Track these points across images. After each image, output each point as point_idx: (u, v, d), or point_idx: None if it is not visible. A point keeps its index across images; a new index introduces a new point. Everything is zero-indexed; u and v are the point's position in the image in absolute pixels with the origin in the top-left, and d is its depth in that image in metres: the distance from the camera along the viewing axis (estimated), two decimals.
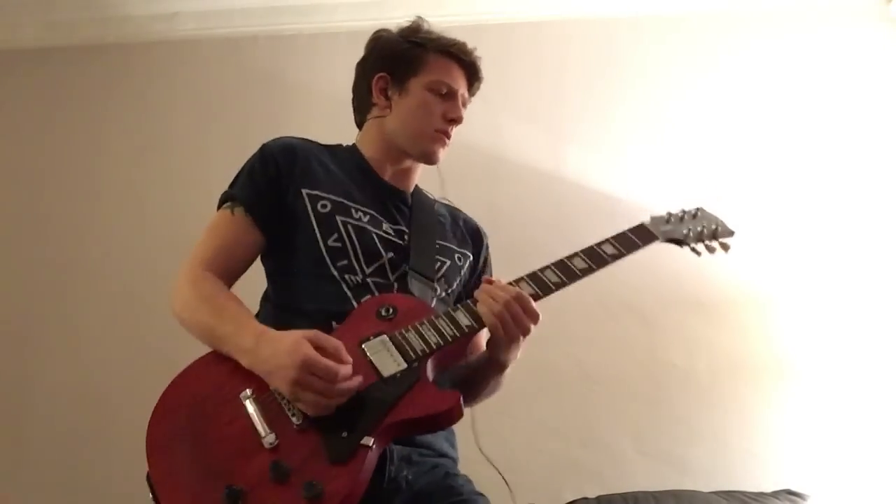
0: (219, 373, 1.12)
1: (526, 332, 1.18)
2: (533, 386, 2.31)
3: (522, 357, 1.44)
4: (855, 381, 2.34)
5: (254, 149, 1.39)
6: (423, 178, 1.55)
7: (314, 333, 1.09)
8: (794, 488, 2.06)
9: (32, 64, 3.06)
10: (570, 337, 2.46)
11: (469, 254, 1.49)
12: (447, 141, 1.43)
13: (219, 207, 1.35)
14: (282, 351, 1.06)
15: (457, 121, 1.43)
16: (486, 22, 2.88)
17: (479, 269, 1.51)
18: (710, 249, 1.39)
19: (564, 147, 2.73)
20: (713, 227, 1.41)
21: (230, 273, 1.29)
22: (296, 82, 2.91)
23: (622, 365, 2.46)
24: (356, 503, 1.01)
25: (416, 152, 1.43)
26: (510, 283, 1.22)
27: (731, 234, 1.44)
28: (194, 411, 1.07)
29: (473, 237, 1.53)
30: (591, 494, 2.01)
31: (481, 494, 1.26)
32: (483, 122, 2.69)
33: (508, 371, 1.29)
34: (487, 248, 1.54)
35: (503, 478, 1.28)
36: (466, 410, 1.27)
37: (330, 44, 2.93)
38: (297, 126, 1.59)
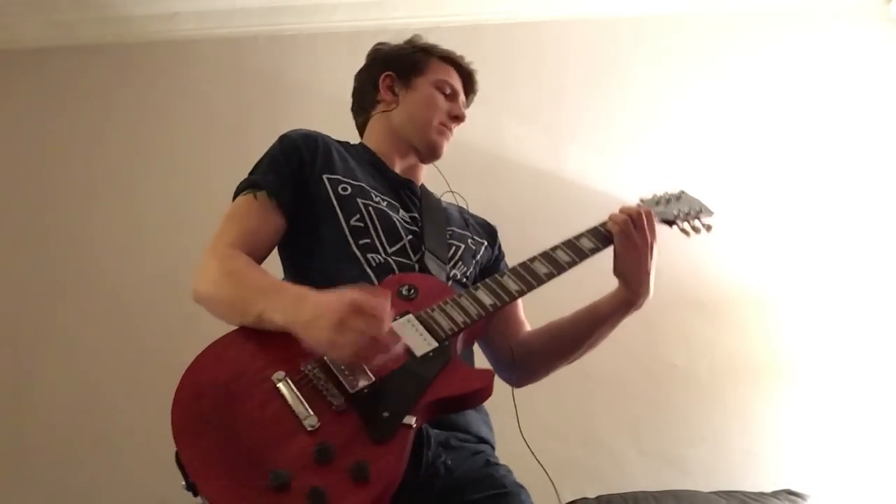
0: (242, 353, 1.10)
1: (646, 240, 1.31)
2: (533, 386, 2.30)
3: None
4: (855, 381, 2.34)
5: (253, 149, 1.38)
6: (427, 179, 1.56)
7: (359, 293, 1.05)
8: (794, 488, 2.06)
9: (32, 64, 3.06)
10: None
11: (483, 241, 1.51)
12: (449, 136, 1.50)
13: (237, 194, 1.33)
14: (325, 301, 1.03)
15: (460, 118, 1.50)
16: (486, 22, 2.89)
17: (496, 256, 1.54)
18: (696, 230, 1.47)
19: (564, 147, 2.73)
20: (697, 208, 1.49)
21: (254, 257, 1.26)
22: (296, 82, 2.91)
23: (622, 365, 2.46)
24: (398, 483, 1.00)
25: (422, 144, 1.48)
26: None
27: (711, 213, 1.50)
28: (220, 393, 1.04)
29: (485, 228, 1.57)
30: (591, 494, 2.02)
31: (523, 487, 1.25)
32: (483, 122, 2.69)
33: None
34: (499, 238, 1.59)
35: (546, 472, 1.28)
36: (509, 400, 1.31)
37: (330, 44, 2.93)
38: (297, 126, 1.59)
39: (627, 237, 1.31)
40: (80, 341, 2.65)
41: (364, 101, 1.55)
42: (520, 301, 1.43)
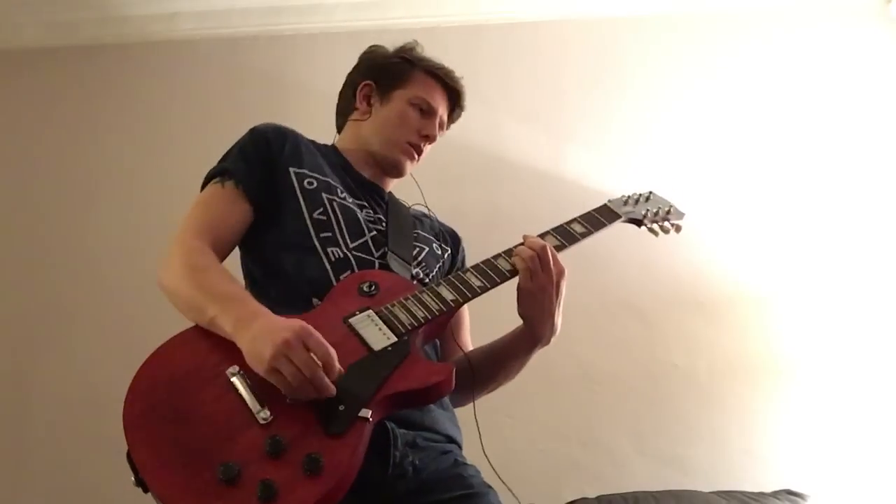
0: (198, 350, 1.10)
1: (552, 278, 1.23)
2: (533, 386, 2.30)
3: None
4: (854, 381, 2.34)
5: None
6: (422, 177, 1.55)
7: (297, 328, 1.05)
8: (794, 488, 2.06)
9: (32, 64, 3.06)
10: (570, 337, 2.44)
11: (448, 248, 1.52)
12: (416, 156, 1.47)
13: (205, 183, 1.36)
14: (277, 323, 1.04)
15: (430, 138, 1.47)
16: (486, 22, 2.89)
17: (459, 265, 1.53)
18: (665, 230, 1.47)
19: (564, 147, 2.73)
20: (666, 209, 1.48)
21: (222, 246, 1.27)
22: (295, 82, 2.91)
23: (622, 365, 2.46)
24: (354, 477, 0.99)
25: (385, 161, 1.46)
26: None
27: (681, 216, 1.50)
28: (175, 387, 1.04)
29: (451, 236, 1.57)
30: (591, 494, 2.02)
31: (490, 487, 1.25)
32: (483, 122, 2.69)
33: (532, 358, 1.34)
34: (463, 249, 1.58)
35: (502, 481, 1.27)
36: (470, 408, 1.28)
37: (329, 44, 2.93)
38: (296, 126, 1.58)
39: (533, 276, 1.24)
40: (80, 341, 2.65)
41: (344, 104, 1.55)
42: (467, 319, 1.46)
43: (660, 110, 2.76)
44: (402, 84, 1.46)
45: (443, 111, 1.49)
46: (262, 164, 1.33)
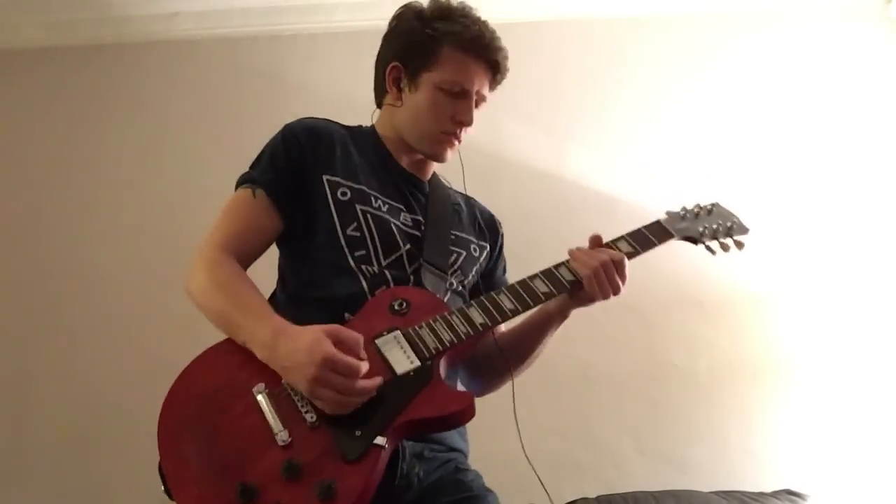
0: (231, 363, 1.11)
1: (616, 291, 1.22)
2: (533, 386, 2.30)
3: None
4: (854, 381, 2.34)
5: (253, 149, 1.38)
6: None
7: (334, 328, 1.08)
8: (794, 488, 2.06)
9: (32, 64, 3.06)
10: (570, 337, 2.43)
11: (486, 244, 1.47)
12: (455, 142, 1.39)
13: (237, 187, 1.32)
14: (301, 348, 1.04)
15: (465, 123, 1.37)
16: None
17: (495, 258, 1.51)
18: (725, 248, 1.35)
19: (564, 147, 2.73)
20: (728, 224, 1.36)
21: (247, 256, 1.26)
22: (295, 82, 2.91)
23: (622, 365, 2.46)
24: (368, 502, 1.01)
25: (422, 151, 1.40)
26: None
27: (746, 231, 1.38)
28: (206, 402, 1.06)
29: (489, 227, 1.52)
30: (591, 494, 2.02)
31: (490, 491, 1.25)
32: (483, 122, 2.69)
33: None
34: (502, 237, 1.54)
35: (541, 482, 1.26)
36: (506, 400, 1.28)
37: (330, 44, 2.93)
38: None
39: (600, 284, 1.22)
40: (80, 341, 2.65)
41: (378, 88, 1.45)
42: None
43: (660, 110, 2.76)
44: (430, 65, 1.34)
45: (479, 86, 1.37)
46: (293, 172, 1.30)
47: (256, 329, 1.11)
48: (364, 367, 1.05)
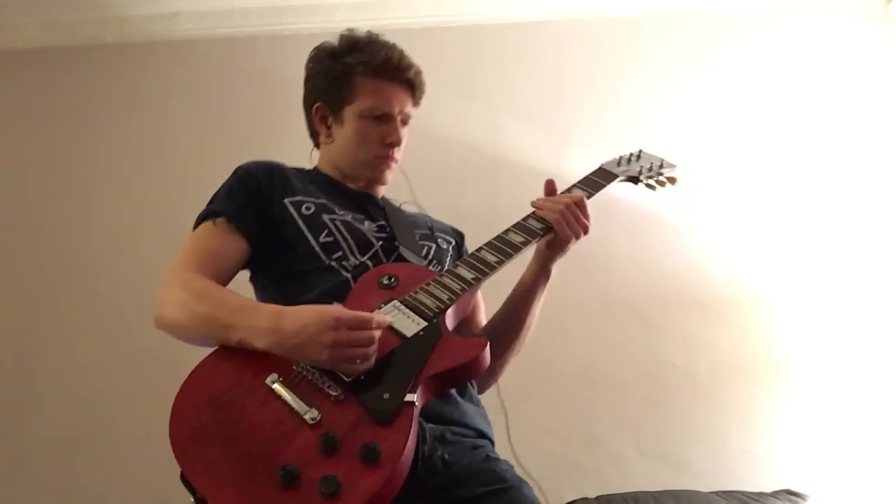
0: (233, 365, 1.11)
1: (585, 230, 1.32)
2: (533, 386, 2.31)
3: (522, 356, 1.44)
4: (854, 381, 2.34)
5: (253, 149, 1.40)
6: (422, 177, 1.55)
7: (332, 306, 1.11)
8: (794, 488, 2.06)
9: (32, 64, 3.06)
10: (570, 337, 2.46)
11: (451, 240, 1.53)
12: (391, 163, 1.45)
13: (196, 226, 1.33)
14: (309, 321, 1.05)
15: (395, 143, 1.43)
16: (485, 22, 2.88)
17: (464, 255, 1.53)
18: (661, 184, 1.52)
19: (564, 147, 2.73)
20: (658, 162, 1.53)
21: (217, 280, 1.25)
22: (295, 82, 2.89)
23: (622, 365, 2.46)
24: (411, 460, 1.01)
25: (363, 178, 1.47)
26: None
27: (673, 166, 1.53)
28: (218, 405, 1.05)
29: (452, 230, 1.59)
30: (591, 494, 2.02)
31: (524, 481, 1.24)
32: (483, 122, 2.69)
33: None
34: (464, 239, 1.60)
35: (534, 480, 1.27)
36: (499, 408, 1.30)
37: None
38: (296, 126, 1.59)
39: (569, 225, 1.32)
40: (80, 341, 2.65)
41: (310, 130, 1.54)
42: (482, 302, 1.50)
43: (660, 110, 2.75)
44: (349, 98, 1.41)
45: (400, 107, 1.43)
46: (252, 201, 1.33)
47: (253, 321, 1.11)
48: (375, 316, 1.08)
